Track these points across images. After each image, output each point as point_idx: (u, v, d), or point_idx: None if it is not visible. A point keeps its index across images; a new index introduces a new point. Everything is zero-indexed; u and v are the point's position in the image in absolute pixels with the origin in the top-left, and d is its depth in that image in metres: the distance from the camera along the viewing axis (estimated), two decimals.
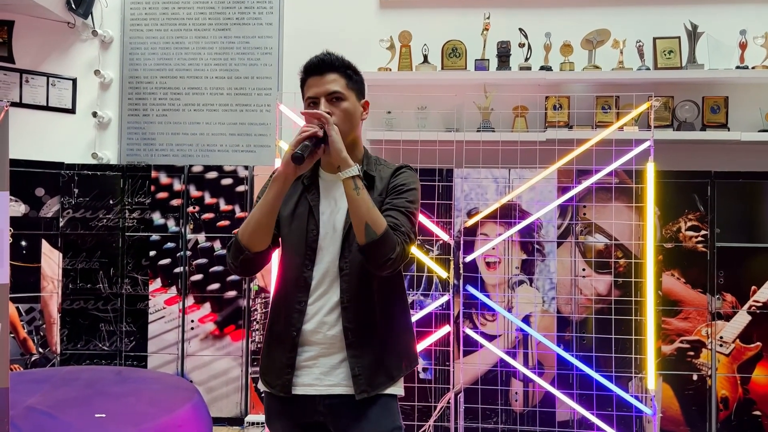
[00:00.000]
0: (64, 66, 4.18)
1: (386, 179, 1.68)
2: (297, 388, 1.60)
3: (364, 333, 1.60)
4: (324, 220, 1.65)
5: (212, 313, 3.72)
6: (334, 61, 1.64)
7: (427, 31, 3.91)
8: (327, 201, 1.67)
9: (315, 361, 1.60)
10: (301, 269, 1.62)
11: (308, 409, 1.61)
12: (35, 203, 3.70)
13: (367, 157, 1.73)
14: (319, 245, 1.63)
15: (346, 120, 1.62)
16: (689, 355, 3.43)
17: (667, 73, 3.69)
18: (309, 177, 1.70)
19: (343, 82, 1.63)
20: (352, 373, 1.57)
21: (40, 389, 2.66)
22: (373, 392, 1.58)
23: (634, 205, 3.43)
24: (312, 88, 1.63)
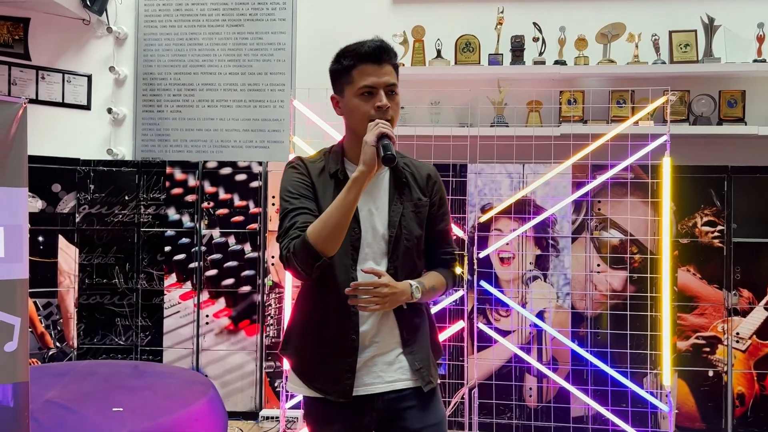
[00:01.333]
0: (80, 63, 4.21)
1: (424, 180, 1.67)
2: (356, 390, 1.56)
3: (414, 329, 1.62)
4: (363, 218, 1.59)
5: (227, 308, 3.74)
6: (390, 50, 1.57)
7: (440, 26, 3.90)
8: (364, 198, 1.57)
9: (373, 361, 1.58)
10: (349, 270, 1.56)
11: (365, 409, 1.57)
12: (52, 199, 3.74)
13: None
14: (361, 244, 1.59)
15: (397, 114, 1.59)
16: (705, 351, 3.41)
17: (684, 67, 3.66)
18: (339, 171, 1.62)
19: (395, 75, 1.58)
20: (413, 368, 1.58)
21: (58, 383, 2.69)
22: (435, 383, 1.62)
23: (650, 201, 3.41)
24: (369, 77, 1.53)
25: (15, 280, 1.90)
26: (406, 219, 1.61)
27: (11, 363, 1.87)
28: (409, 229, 1.61)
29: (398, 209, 1.61)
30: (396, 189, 1.63)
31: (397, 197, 1.62)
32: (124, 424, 2.25)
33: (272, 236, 3.71)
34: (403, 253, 1.60)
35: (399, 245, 1.60)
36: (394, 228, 1.59)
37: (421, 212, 1.64)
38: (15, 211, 1.92)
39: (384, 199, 1.62)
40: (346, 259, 1.57)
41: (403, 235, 1.60)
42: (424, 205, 1.65)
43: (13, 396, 1.86)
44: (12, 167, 1.91)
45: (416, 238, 1.63)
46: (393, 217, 1.60)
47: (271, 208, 3.72)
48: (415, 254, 1.64)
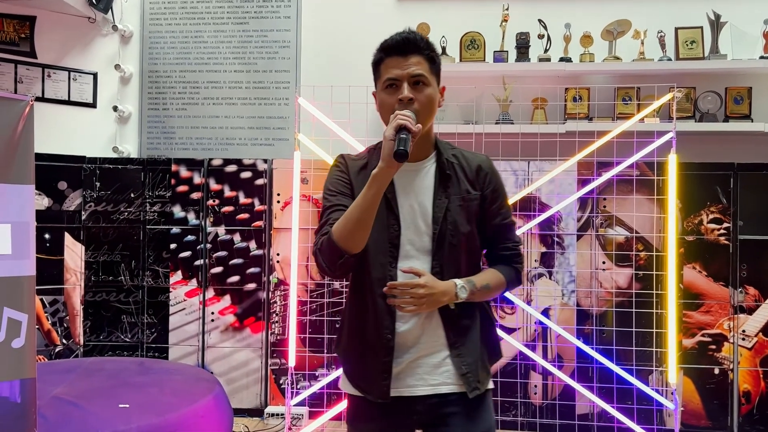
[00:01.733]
0: (85, 61, 4.22)
1: (474, 170, 1.58)
2: (398, 391, 1.53)
3: (464, 331, 1.54)
4: (404, 214, 1.54)
5: (232, 305, 3.75)
6: (419, 41, 1.51)
7: (445, 23, 3.89)
8: (405, 193, 1.55)
9: (416, 362, 1.53)
10: (387, 268, 1.52)
11: (405, 411, 1.53)
12: (58, 197, 3.75)
13: (440, 144, 1.61)
14: (401, 241, 1.54)
15: (428, 108, 1.51)
16: (711, 349, 3.40)
17: (689, 64, 3.64)
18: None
19: (426, 66, 1.51)
20: (460, 372, 1.51)
21: (65, 380, 2.71)
22: (483, 389, 1.54)
23: (656, 198, 3.40)
24: (393, 69, 1.50)
25: (22, 277, 1.91)
26: (451, 214, 1.53)
27: (18, 359, 1.88)
28: (455, 225, 1.53)
29: (442, 204, 1.54)
30: (441, 182, 1.55)
31: (442, 191, 1.55)
32: (131, 421, 2.26)
33: (277, 233, 3.72)
34: (449, 250, 1.53)
35: (444, 242, 1.52)
36: (438, 224, 1.53)
37: (469, 206, 1.55)
38: (22, 209, 1.93)
39: (428, 194, 1.55)
40: (383, 257, 1.53)
41: (447, 231, 1.53)
42: (473, 199, 1.55)
43: (21, 392, 1.87)
44: (19, 165, 1.92)
45: (463, 234, 1.54)
46: (437, 213, 1.53)
47: (276, 205, 3.73)
48: (465, 251, 1.55)
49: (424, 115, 1.50)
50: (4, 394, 1.84)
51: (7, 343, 1.86)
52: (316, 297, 3.63)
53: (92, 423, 2.22)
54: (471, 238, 1.56)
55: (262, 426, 3.55)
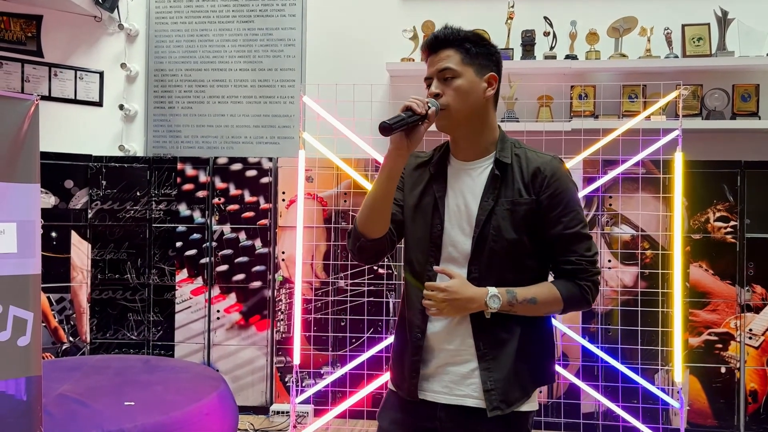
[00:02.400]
0: (92, 59, 4.24)
1: (531, 173, 1.47)
2: (425, 394, 1.50)
3: (497, 344, 1.45)
4: (450, 214, 1.50)
5: (237, 303, 3.76)
6: (449, 35, 1.48)
7: (450, 21, 3.82)
8: (454, 192, 1.51)
9: (443, 368, 1.48)
10: (425, 266, 1.50)
11: (429, 415, 1.50)
12: (65, 195, 3.77)
13: (502, 141, 1.52)
14: (444, 242, 1.50)
15: (460, 99, 1.45)
16: (717, 348, 3.39)
17: (696, 61, 3.62)
18: (437, 164, 1.55)
19: (457, 57, 1.46)
20: (484, 387, 1.43)
21: (71, 377, 2.72)
22: (508, 410, 1.43)
23: (662, 196, 3.38)
24: (428, 68, 1.50)
25: (28, 276, 1.92)
26: (496, 218, 1.45)
27: (24, 357, 1.89)
28: (498, 230, 1.45)
29: (487, 206, 1.46)
30: (492, 182, 1.48)
31: (491, 193, 1.47)
32: (136, 419, 2.27)
33: (282, 232, 3.72)
34: (490, 256, 1.45)
35: (484, 247, 1.45)
36: (480, 227, 1.46)
37: (517, 212, 1.45)
38: (27, 207, 1.94)
39: (477, 195, 1.49)
40: (423, 256, 1.52)
41: (489, 237, 1.45)
42: (524, 204, 1.45)
43: (27, 389, 1.89)
44: (24, 163, 1.93)
45: (508, 240, 1.45)
46: (480, 215, 1.46)
47: (282, 204, 3.73)
48: (509, 260, 1.46)
49: (456, 107, 1.45)
50: (10, 391, 1.85)
51: (12, 341, 1.87)
52: (321, 295, 3.63)
53: (98, 421, 2.23)
54: (518, 246, 1.46)
55: (268, 424, 3.56)
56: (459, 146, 1.53)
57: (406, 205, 1.57)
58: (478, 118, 1.49)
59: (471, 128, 1.49)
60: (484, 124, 1.50)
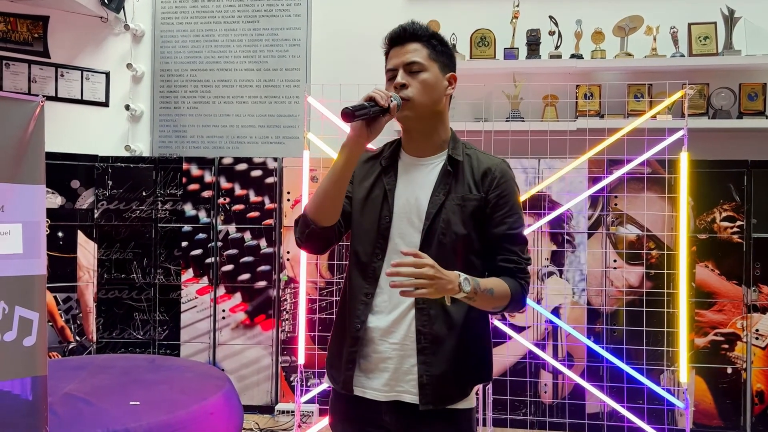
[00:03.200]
0: (98, 60, 4.26)
1: (481, 173, 1.50)
2: (364, 391, 1.50)
3: (439, 339, 1.46)
4: (399, 206, 1.52)
5: (243, 302, 3.77)
6: (417, 29, 1.51)
7: (455, 21, 3.88)
8: (405, 185, 1.53)
9: (385, 364, 1.48)
10: (371, 258, 1.51)
11: (373, 413, 1.50)
12: (71, 195, 3.79)
13: (454, 140, 1.56)
14: (391, 234, 1.51)
15: (425, 92, 1.48)
16: (723, 348, 3.37)
17: (703, 60, 3.61)
18: (388, 158, 1.57)
19: (425, 52, 1.49)
20: (420, 381, 1.45)
21: (77, 376, 2.74)
22: (440, 406, 1.45)
23: (667, 196, 3.37)
24: (392, 59, 1.52)
25: (33, 276, 1.93)
26: (446, 212, 1.48)
27: (30, 357, 1.90)
28: (447, 224, 1.47)
29: (438, 200, 1.49)
30: (443, 178, 1.51)
31: (442, 188, 1.50)
32: (141, 418, 2.28)
33: (287, 232, 3.73)
34: (438, 249, 1.46)
35: (432, 239, 1.47)
36: (429, 220, 1.48)
37: (467, 207, 1.48)
38: (32, 208, 1.95)
39: (428, 189, 1.51)
40: (370, 247, 1.53)
41: (438, 229, 1.47)
42: (473, 200, 1.48)
43: (32, 389, 1.90)
44: (29, 165, 1.94)
45: (456, 234, 1.47)
46: (430, 209, 1.49)
47: (287, 203, 3.74)
48: (457, 255, 1.48)
49: (420, 100, 1.48)
50: (16, 391, 1.86)
51: (18, 341, 1.88)
52: (325, 295, 3.64)
53: (103, 420, 2.24)
54: (466, 242, 1.48)
55: (273, 423, 3.57)
56: (413, 141, 1.56)
57: (355, 197, 1.58)
58: (437, 114, 1.53)
59: (429, 123, 1.52)
60: (440, 122, 1.54)
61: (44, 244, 1.97)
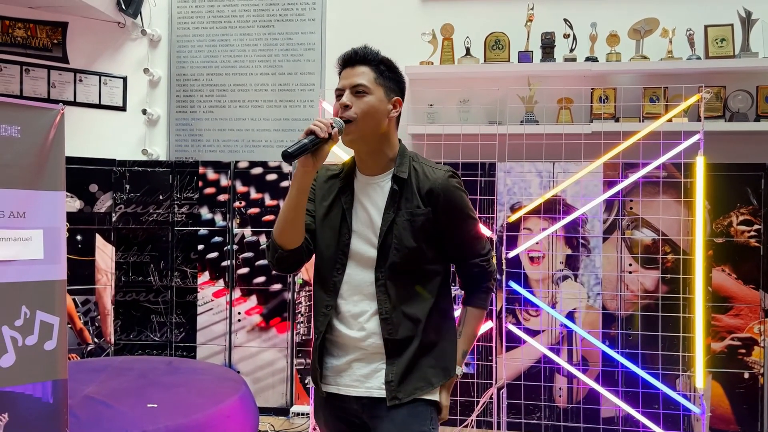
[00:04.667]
0: (115, 65, 4.31)
1: (426, 190, 1.58)
2: (339, 388, 1.61)
3: (404, 342, 1.57)
4: (356, 224, 1.61)
5: (258, 305, 3.80)
6: (367, 54, 1.59)
7: (469, 24, 3.88)
8: (360, 203, 1.62)
9: (350, 365, 1.60)
10: (332, 272, 1.61)
11: (347, 407, 1.62)
12: (89, 199, 3.84)
13: (401, 156, 1.63)
14: (351, 250, 1.60)
15: (368, 115, 1.54)
16: (740, 353, 3.34)
17: (719, 62, 3.58)
18: (345, 177, 1.65)
19: (371, 75, 1.57)
20: (386, 379, 1.56)
21: (96, 379, 2.78)
22: (406, 398, 1.56)
23: (683, 200, 3.35)
24: (342, 80, 1.59)
25: (54, 281, 1.97)
26: (397, 228, 1.57)
27: (51, 361, 1.94)
28: (399, 239, 1.56)
29: (389, 218, 1.58)
30: (392, 195, 1.59)
31: (392, 204, 1.58)
32: (158, 421, 2.32)
33: None
34: (393, 263, 1.56)
35: (387, 255, 1.57)
36: (382, 236, 1.57)
37: (415, 222, 1.57)
38: (53, 215, 1.98)
39: (380, 207, 1.60)
40: (331, 262, 1.62)
41: (392, 245, 1.56)
42: (421, 214, 1.57)
43: (53, 392, 1.93)
44: (50, 172, 1.98)
45: (409, 248, 1.56)
46: (383, 226, 1.58)
47: None
48: (411, 266, 1.57)
49: (363, 122, 1.55)
50: (37, 394, 1.90)
51: (39, 345, 1.92)
52: None
53: (122, 423, 2.28)
54: (418, 254, 1.57)
55: (288, 425, 3.60)
56: (363, 162, 1.63)
57: (317, 215, 1.67)
58: (380, 135, 1.59)
59: (374, 145, 1.59)
60: (385, 142, 1.61)
61: (64, 249, 2.01)
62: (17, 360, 1.86)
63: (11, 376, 1.85)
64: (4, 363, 1.84)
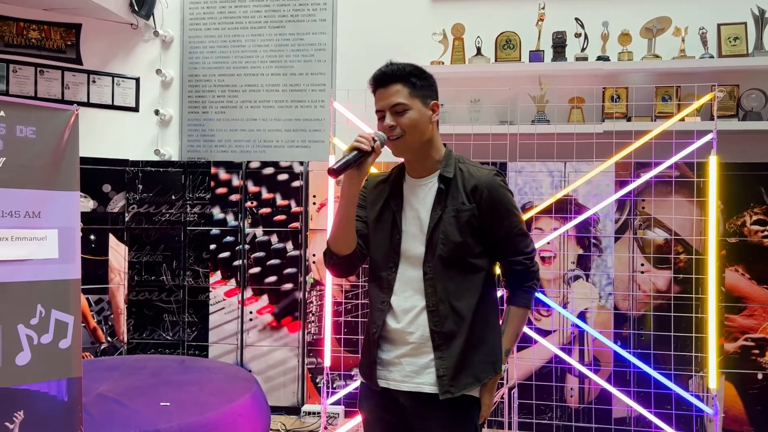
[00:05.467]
0: (128, 66, 4.34)
1: (471, 187, 1.67)
2: (388, 383, 1.68)
3: (450, 335, 1.63)
4: (406, 224, 1.70)
5: (270, 304, 3.82)
6: (396, 71, 1.66)
7: (480, 23, 3.88)
8: (409, 205, 1.71)
9: (400, 360, 1.67)
10: (386, 272, 1.70)
11: (396, 401, 1.69)
12: (103, 199, 3.88)
13: (447, 158, 1.72)
14: (402, 249, 1.69)
15: (413, 129, 1.64)
16: (754, 354, 3.32)
17: (733, 61, 3.55)
18: (394, 181, 1.76)
19: (406, 91, 1.65)
20: (437, 374, 1.62)
21: (110, 377, 2.80)
22: (457, 393, 1.62)
23: (696, 199, 3.33)
24: (378, 102, 1.68)
25: (69, 280, 1.99)
26: (444, 224, 1.65)
27: (65, 359, 1.96)
28: (445, 234, 1.64)
29: (435, 215, 1.66)
30: (438, 195, 1.68)
31: (438, 203, 1.67)
32: (171, 419, 2.34)
33: (313, 235, 3.77)
34: (440, 258, 1.63)
35: (434, 250, 1.64)
36: (429, 233, 1.66)
37: (461, 218, 1.65)
38: (68, 214, 2.01)
39: (428, 206, 1.68)
40: (384, 261, 1.71)
41: (439, 240, 1.64)
42: (466, 210, 1.65)
43: (68, 390, 1.95)
44: (65, 172, 2.00)
45: (455, 243, 1.63)
46: (430, 224, 1.66)
47: (312, 207, 3.78)
48: (457, 260, 1.65)
49: (410, 136, 1.64)
50: (52, 392, 1.92)
51: (54, 344, 1.94)
52: (351, 298, 3.67)
53: (135, 421, 2.30)
54: (464, 247, 1.64)
55: (299, 424, 3.61)
56: (411, 166, 1.73)
57: (369, 219, 1.77)
58: (426, 142, 1.69)
59: (421, 151, 1.69)
60: (431, 147, 1.70)
61: (79, 249, 2.03)
62: (33, 358, 1.88)
63: (27, 374, 1.87)
64: (20, 361, 1.86)
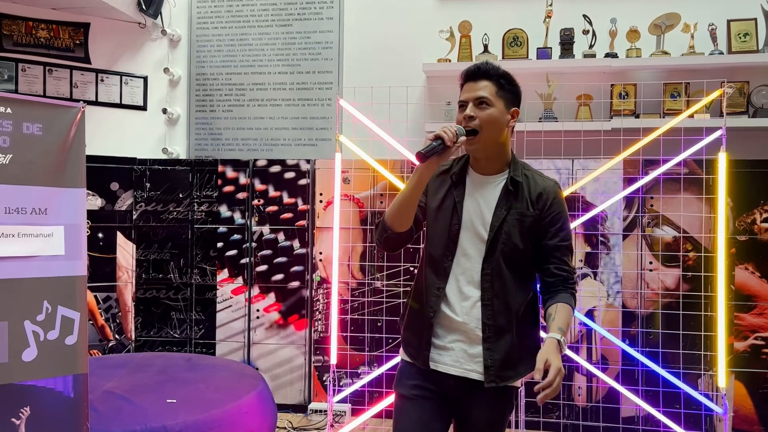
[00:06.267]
0: (136, 65, 4.36)
1: (537, 194, 1.74)
2: (437, 365, 1.76)
3: (500, 329, 1.72)
4: (466, 216, 1.76)
5: (277, 302, 3.82)
6: (489, 69, 1.73)
7: (487, 21, 3.86)
8: (472, 198, 1.78)
9: (453, 345, 1.75)
10: (443, 259, 1.77)
11: (441, 382, 1.77)
12: (110, 197, 3.89)
13: (514, 163, 1.79)
14: (460, 239, 1.76)
15: (490, 125, 1.70)
16: (764, 353, 3.29)
17: (742, 57, 3.52)
18: (458, 173, 1.81)
19: (493, 89, 1.71)
20: (485, 364, 1.71)
21: (117, 374, 2.81)
22: (501, 383, 1.72)
23: (705, 197, 3.30)
24: (464, 93, 1.74)
25: (75, 277, 2.00)
26: (507, 225, 1.72)
27: (72, 355, 1.97)
28: (508, 236, 1.72)
29: (501, 214, 1.73)
30: (505, 195, 1.74)
31: (504, 204, 1.73)
32: (178, 416, 2.34)
33: (320, 232, 3.77)
34: (499, 257, 1.72)
35: (495, 249, 1.72)
36: (493, 231, 1.73)
37: (525, 222, 1.72)
38: (74, 211, 2.01)
39: (492, 204, 1.75)
40: (442, 249, 1.78)
41: (501, 240, 1.72)
42: (530, 216, 1.73)
43: (74, 387, 1.96)
44: (71, 169, 2.00)
45: (515, 245, 1.72)
46: (494, 221, 1.73)
47: (319, 205, 3.77)
48: (514, 263, 1.73)
49: (487, 132, 1.71)
50: (59, 388, 1.93)
51: (61, 340, 1.95)
52: (357, 296, 3.66)
53: (141, 417, 2.30)
54: (522, 252, 1.73)
55: (306, 422, 3.61)
56: (479, 163, 1.79)
57: (429, 206, 1.83)
58: (500, 143, 1.75)
59: (493, 151, 1.75)
60: (502, 149, 1.77)
61: (85, 245, 2.04)
62: (39, 354, 1.89)
63: (33, 370, 1.88)
64: (26, 357, 1.87)
